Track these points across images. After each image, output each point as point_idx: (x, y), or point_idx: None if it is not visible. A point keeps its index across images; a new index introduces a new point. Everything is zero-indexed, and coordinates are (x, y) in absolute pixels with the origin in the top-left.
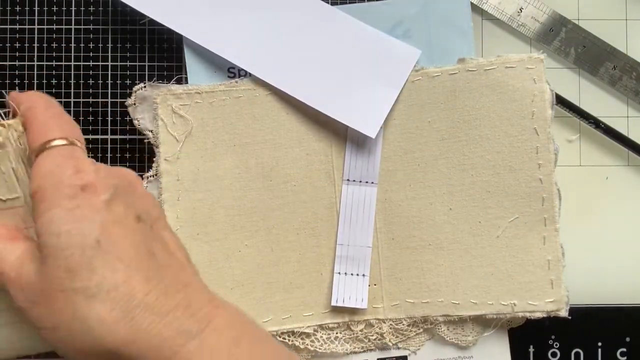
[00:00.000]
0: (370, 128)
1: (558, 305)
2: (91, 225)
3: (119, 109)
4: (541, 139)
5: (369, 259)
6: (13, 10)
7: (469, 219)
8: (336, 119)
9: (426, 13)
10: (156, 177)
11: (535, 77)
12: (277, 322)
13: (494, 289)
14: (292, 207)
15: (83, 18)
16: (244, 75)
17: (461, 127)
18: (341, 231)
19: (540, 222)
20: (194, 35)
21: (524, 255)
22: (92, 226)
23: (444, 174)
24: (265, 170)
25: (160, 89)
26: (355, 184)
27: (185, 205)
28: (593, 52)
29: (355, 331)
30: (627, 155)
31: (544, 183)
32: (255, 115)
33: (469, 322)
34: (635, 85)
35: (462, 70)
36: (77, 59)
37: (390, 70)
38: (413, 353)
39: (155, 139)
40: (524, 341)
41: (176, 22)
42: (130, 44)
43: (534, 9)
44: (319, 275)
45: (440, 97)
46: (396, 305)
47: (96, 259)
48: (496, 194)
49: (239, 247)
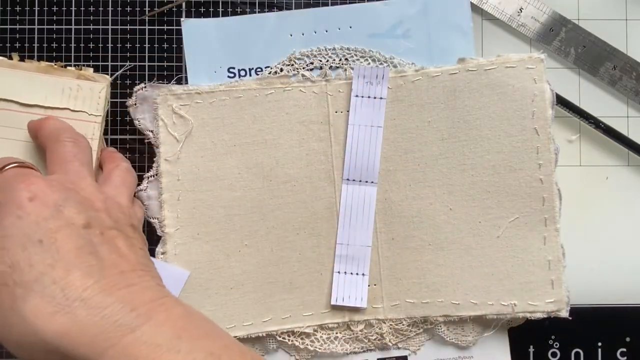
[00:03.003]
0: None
1: (558, 305)
2: (35, 227)
3: (119, 109)
4: (541, 139)
5: (368, 258)
6: (13, 10)
7: (469, 219)
8: None
9: (426, 13)
10: (156, 177)
11: (535, 77)
12: (277, 322)
13: (494, 289)
14: (292, 207)
15: (83, 18)
16: (244, 76)
17: (461, 127)
18: (341, 231)
19: (541, 222)
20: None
21: (525, 256)
22: (35, 228)
23: (444, 174)
24: (265, 170)
25: (160, 89)
26: (355, 184)
27: (185, 205)
28: (593, 52)
29: (355, 331)
30: (627, 155)
31: (544, 183)
32: (255, 115)
33: (469, 322)
34: (635, 85)
35: (462, 70)
36: (77, 59)
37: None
38: (413, 353)
39: (156, 139)
40: (524, 341)
41: None
42: (130, 44)
43: (534, 9)
44: (319, 275)
45: (440, 97)
46: (396, 305)
47: (36, 256)
48: (496, 194)
49: (239, 247)
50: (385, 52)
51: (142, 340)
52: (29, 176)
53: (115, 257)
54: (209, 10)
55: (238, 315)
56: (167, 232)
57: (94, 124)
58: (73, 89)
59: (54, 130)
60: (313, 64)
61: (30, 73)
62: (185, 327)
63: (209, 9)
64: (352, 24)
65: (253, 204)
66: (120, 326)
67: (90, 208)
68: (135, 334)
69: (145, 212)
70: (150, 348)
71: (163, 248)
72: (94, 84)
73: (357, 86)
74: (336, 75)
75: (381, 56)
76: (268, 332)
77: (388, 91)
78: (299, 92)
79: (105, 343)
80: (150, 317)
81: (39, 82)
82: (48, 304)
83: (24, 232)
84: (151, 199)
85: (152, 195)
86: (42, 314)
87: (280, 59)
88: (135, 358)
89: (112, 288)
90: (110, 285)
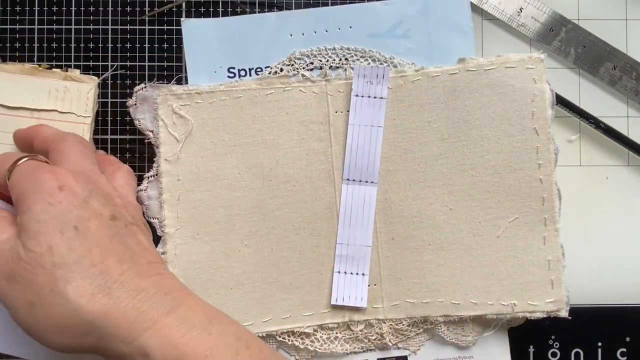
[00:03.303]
0: None
1: (558, 305)
2: (69, 214)
3: (119, 109)
4: (541, 139)
5: (368, 258)
6: (13, 10)
7: (469, 219)
8: None
9: (426, 13)
10: (156, 177)
11: (535, 77)
12: (277, 322)
13: (494, 289)
14: (292, 207)
15: (83, 18)
16: (244, 76)
17: (461, 127)
18: (341, 230)
19: (541, 222)
20: None
21: (524, 256)
22: (69, 215)
23: (444, 174)
24: (265, 170)
25: (160, 89)
26: (355, 184)
27: (185, 205)
28: (593, 52)
29: (355, 331)
30: (627, 155)
31: (544, 183)
32: (255, 115)
33: (469, 322)
34: (635, 85)
35: (462, 70)
36: (77, 59)
37: None
38: (413, 353)
39: (156, 139)
40: (524, 341)
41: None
42: (130, 44)
43: (534, 9)
44: (319, 275)
45: (440, 97)
46: (396, 305)
47: (74, 241)
48: (496, 194)
49: (239, 247)
50: (385, 52)
51: (178, 322)
52: (53, 167)
53: (140, 249)
54: (209, 10)
55: (238, 315)
56: (167, 232)
57: (84, 125)
58: (60, 90)
59: (57, 132)
60: (313, 64)
61: (15, 75)
62: (213, 314)
63: (209, 9)
64: (352, 24)
65: (253, 204)
66: (156, 308)
67: (112, 202)
68: (170, 316)
69: (146, 212)
70: (186, 329)
71: (163, 248)
72: (81, 85)
73: (357, 86)
74: (336, 75)
75: (381, 56)
76: (268, 332)
77: (388, 91)
78: (299, 92)
79: (144, 324)
80: (182, 302)
81: (25, 85)
82: (90, 285)
83: (58, 218)
84: (151, 199)
85: (152, 195)
86: (85, 295)
87: (280, 59)
88: (172, 338)
89: (144, 274)
90: (142, 271)
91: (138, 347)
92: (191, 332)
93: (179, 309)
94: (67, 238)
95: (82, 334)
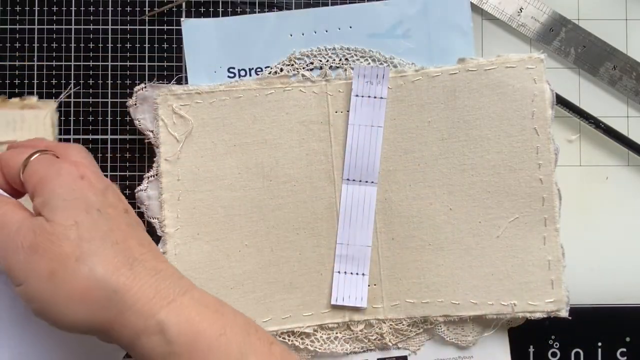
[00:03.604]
0: None
1: (558, 305)
2: (92, 198)
3: (119, 109)
4: (541, 139)
5: (368, 258)
6: (13, 10)
7: (469, 219)
8: None
9: (426, 13)
10: (156, 177)
11: (535, 77)
12: (277, 322)
13: (494, 289)
14: (292, 206)
15: (83, 18)
16: (244, 76)
17: (461, 127)
18: (341, 230)
19: (541, 222)
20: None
21: (524, 256)
22: (93, 199)
23: (444, 174)
24: (265, 170)
25: (160, 89)
26: (355, 184)
27: (185, 205)
28: (593, 52)
29: (355, 331)
30: (627, 155)
31: (544, 183)
32: (255, 115)
33: (469, 322)
34: (635, 85)
35: (462, 70)
36: (77, 59)
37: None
38: (413, 353)
39: (156, 139)
40: (524, 341)
41: None
42: (130, 44)
43: (534, 9)
44: (319, 275)
45: (440, 97)
46: (396, 305)
47: (100, 220)
48: (496, 194)
49: (239, 247)
50: (385, 52)
51: (193, 301)
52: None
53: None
54: (209, 10)
55: None
56: (167, 232)
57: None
58: (17, 120)
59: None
60: (313, 64)
61: None
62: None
63: (209, 9)
64: (352, 24)
65: (253, 204)
66: (172, 288)
67: (123, 200)
68: (186, 295)
69: (146, 212)
70: (200, 308)
71: (163, 248)
72: (38, 111)
73: (357, 86)
74: (336, 75)
75: (381, 56)
76: (268, 332)
77: (388, 91)
78: (299, 92)
79: (162, 301)
80: (194, 287)
81: None
82: (114, 258)
83: (82, 200)
84: (151, 199)
85: (152, 195)
86: (111, 267)
87: (280, 59)
88: (188, 315)
89: (160, 258)
90: (158, 256)
91: (156, 322)
92: (205, 312)
93: (193, 291)
94: (93, 217)
95: (100, 308)
